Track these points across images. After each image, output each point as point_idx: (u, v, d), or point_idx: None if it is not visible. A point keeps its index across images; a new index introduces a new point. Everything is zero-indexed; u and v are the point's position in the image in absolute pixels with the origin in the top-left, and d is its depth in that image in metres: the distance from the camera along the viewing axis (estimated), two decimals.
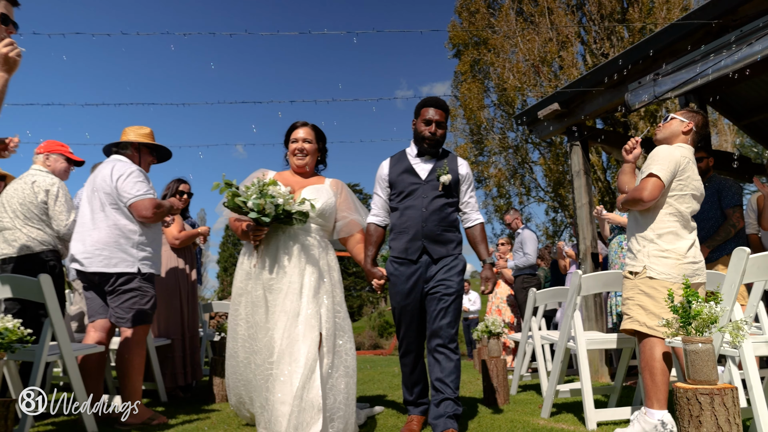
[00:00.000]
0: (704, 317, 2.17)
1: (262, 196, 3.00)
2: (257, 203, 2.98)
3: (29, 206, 4.10)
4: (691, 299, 2.22)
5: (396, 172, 3.43)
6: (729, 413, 2.05)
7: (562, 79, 16.16)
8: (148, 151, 4.08)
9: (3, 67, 2.41)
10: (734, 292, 2.52)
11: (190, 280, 5.16)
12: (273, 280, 3.09)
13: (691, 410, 2.11)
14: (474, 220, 3.46)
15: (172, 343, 4.86)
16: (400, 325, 3.38)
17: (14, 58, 2.42)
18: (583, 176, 5.78)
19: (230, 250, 45.71)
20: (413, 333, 3.35)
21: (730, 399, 2.06)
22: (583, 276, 3.50)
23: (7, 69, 2.42)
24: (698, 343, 2.15)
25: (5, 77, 2.42)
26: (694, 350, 2.15)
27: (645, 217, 3.10)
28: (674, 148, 3.09)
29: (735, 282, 2.52)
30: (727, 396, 2.06)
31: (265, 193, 3.02)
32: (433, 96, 3.51)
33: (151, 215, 3.70)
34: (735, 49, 4.10)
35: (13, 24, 2.56)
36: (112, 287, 3.63)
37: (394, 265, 3.35)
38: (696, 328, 2.20)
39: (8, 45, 2.41)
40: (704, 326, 2.18)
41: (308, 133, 3.55)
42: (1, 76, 2.41)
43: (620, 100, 5.16)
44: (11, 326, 2.62)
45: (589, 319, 5.49)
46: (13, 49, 2.42)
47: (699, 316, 2.17)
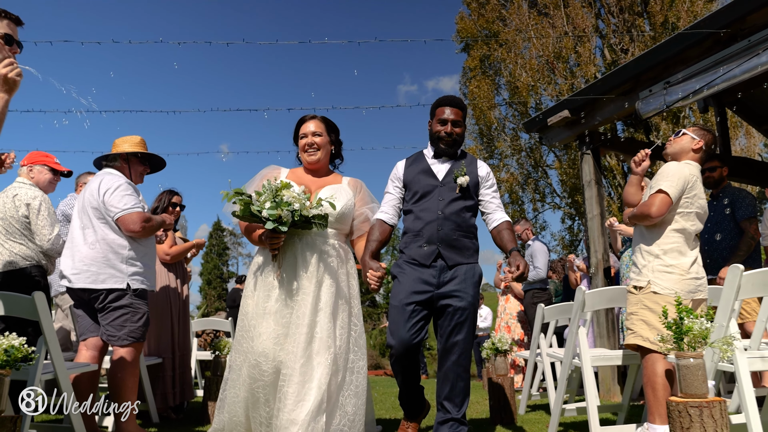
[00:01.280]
0: (695, 333, 2.49)
1: (278, 205, 3.03)
2: (273, 214, 3.02)
3: (10, 221, 4.33)
4: (683, 315, 2.54)
5: (412, 172, 3.53)
6: (717, 425, 2.37)
7: (578, 76, 16.50)
8: (137, 160, 4.20)
9: (3, 88, 2.57)
10: (729, 307, 2.84)
11: (182, 297, 5.39)
12: (288, 292, 3.16)
13: (682, 423, 2.42)
14: (499, 219, 3.51)
15: (162, 362, 5.06)
16: (392, 330, 3.30)
17: (14, 79, 2.58)
18: (595, 186, 6.10)
19: (214, 261, 45.11)
20: (408, 340, 3.25)
21: (718, 411, 2.38)
22: (586, 292, 3.82)
23: (7, 90, 2.58)
24: (690, 358, 2.47)
25: (5, 98, 2.59)
26: (685, 365, 2.47)
27: (651, 232, 3.44)
28: (683, 166, 3.43)
29: (730, 298, 2.84)
30: (716, 408, 2.38)
31: (280, 201, 3.05)
32: (448, 95, 3.63)
33: (139, 229, 3.83)
34: (744, 58, 4.43)
35: (17, 43, 2.75)
36: (102, 304, 3.78)
37: (404, 266, 3.39)
38: (688, 343, 2.51)
39: (8, 65, 2.58)
40: (696, 342, 2.50)
41: (318, 126, 3.57)
42: (2, 97, 2.57)
43: (631, 108, 5.50)
44: (17, 344, 2.92)
45: (600, 336, 5.80)
46: (14, 69, 2.58)
47: (690, 331, 2.49)
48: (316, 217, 3.14)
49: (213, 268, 44.55)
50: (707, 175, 5.13)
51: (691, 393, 2.45)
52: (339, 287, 3.26)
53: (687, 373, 2.47)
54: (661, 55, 5.16)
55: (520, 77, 17.58)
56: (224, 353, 5.22)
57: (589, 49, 16.27)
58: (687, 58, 5.02)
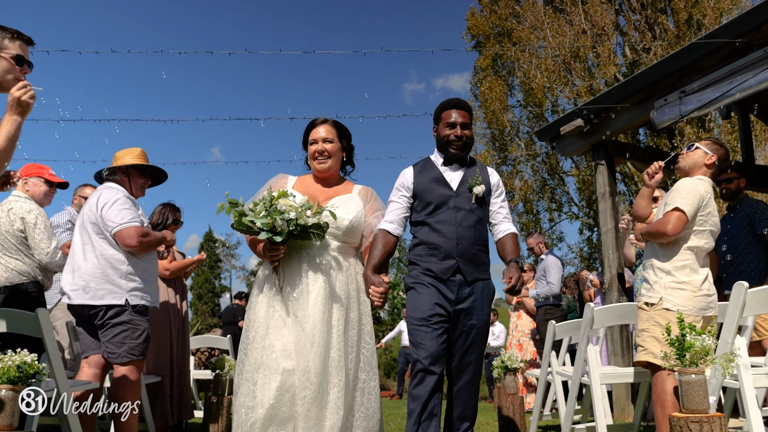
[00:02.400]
0: (697, 349, 2.76)
1: (269, 214, 3.09)
2: (265, 222, 3.08)
3: (6, 235, 4.54)
4: (685, 332, 2.81)
5: (423, 181, 3.53)
6: None
7: (597, 77, 16.75)
8: (137, 173, 4.42)
9: (16, 110, 2.78)
10: (734, 324, 3.11)
11: (181, 314, 5.61)
12: (297, 309, 3.20)
13: None
14: (505, 230, 3.58)
15: (161, 381, 5.27)
16: (417, 344, 3.31)
17: (27, 101, 2.79)
18: (609, 198, 6.37)
19: (206, 274, 45.04)
20: (436, 355, 3.25)
21: (718, 426, 2.64)
22: (595, 308, 4.08)
23: (20, 112, 2.79)
24: (691, 374, 2.74)
25: (18, 120, 2.79)
26: (687, 381, 2.74)
27: (664, 249, 3.71)
28: (698, 183, 3.71)
29: (735, 315, 3.10)
30: (716, 423, 2.64)
31: (273, 210, 3.11)
32: (453, 97, 3.67)
33: (136, 244, 4.01)
34: (760, 68, 4.71)
35: (28, 64, 2.98)
36: (102, 321, 3.98)
37: (421, 277, 3.41)
38: (690, 359, 2.78)
39: (22, 88, 2.79)
40: (698, 358, 2.77)
41: (329, 131, 3.57)
42: (15, 120, 2.78)
43: (646, 117, 5.78)
44: (29, 360, 3.21)
45: (614, 354, 6.05)
46: (27, 91, 2.79)
47: (692, 348, 2.76)
48: (314, 226, 3.16)
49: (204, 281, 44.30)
50: (724, 187, 5.38)
51: (692, 408, 2.72)
52: (349, 303, 3.31)
53: (688, 388, 2.73)
54: (677, 63, 5.44)
55: (535, 78, 17.84)
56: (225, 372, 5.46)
57: (608, 48, 16.49)
58: (703, 67, 5.30)
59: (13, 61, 2.89)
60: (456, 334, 3.36)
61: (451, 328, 3.36)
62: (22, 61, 2.94)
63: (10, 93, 2.78)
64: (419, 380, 3.25)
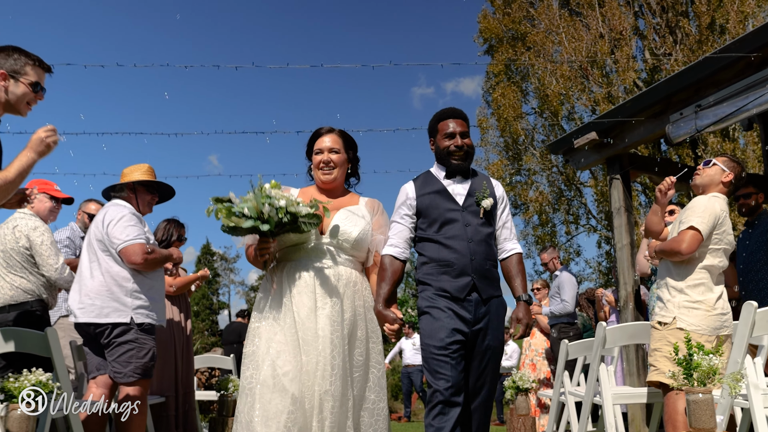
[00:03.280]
0: (704, 369, 2.96)
1: (256, 198, 3.13)
2: (252, 207, 3.11)
3: (11, 253, 4.70)
4: (692, 352, 3.01)
5: (426, 196, 3.53)
6: None
7: (615, 84, 16.92)
8: (144, 189, 4.63)
9: (36, 149, 3.11)
10: (744, 344, 3.31)
11: (185, 332, 5.80)
12: (303, 328, 3.21)
13: None
14: (510, 250, 3.60)
15: (166, 401, 5.42)
16: (435, 374, 3.30)
17: (49, 144, 3.14)
18: (624, 214, 6.57)
19: (203, 289, 44.78)
20: (457, 385, 3.27)
21: None
22: (607, 328, 4.28)
23: (39, 152, 3.12)
24: (698, 393, 2.95)
25: (34, 159, 3.11)
26: (694, 400, 2.95)
27: (678, 267, 3.92)
28: (713, 201, 3.92)
29: (745, 335, 3.31)
30: None
31: (261, 195, 3.13)
32: (447, 107, 3.69)
33: (141, 261, 4.19)
34: None
35: (42, 89, 3.29)
36: (108, 339, 4.15)
37: (435, 299, 3.39)
38: (697, 379, 2.99)
39: (49, 131, 3.15)
40: (705, 377, 2.97)
41: (335, 141, 3.61)
42: (31, 157, 3.10)
43: (661, 131, 5.99)
44: (44, 380, 3.44)
45: (630, 374, 6.23)
46: (52, 136, 3.15)
47: (699, 367, 2.97)
48: (307, 216, 3.18)
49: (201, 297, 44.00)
50: (742, 203, 5.53)
51: (699, 427, 2.93)
52: (356, 321, 3.35)
53: (695, 408, 2.94)
54: (693, 77, 5.65)
55: (550, 85, 17.99)
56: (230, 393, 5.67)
57: (627, 53, 16.64)
58: (719, 81, 5.51)
59: (30, 87, 3.20)
60: (472, 356, 3.38)
61: (471, 348, 3.37)
62: (38, 87, 3.25)
63: (36, 132, 3.12)
64: (440, 411, 3.25)
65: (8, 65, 3.16)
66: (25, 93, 3.20)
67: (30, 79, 3.20)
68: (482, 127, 21.53)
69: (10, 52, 3.19)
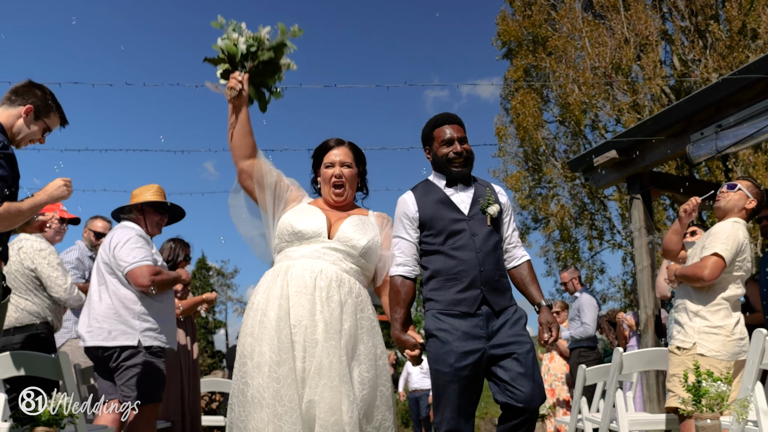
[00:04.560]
0: (712, 395, 3.29)
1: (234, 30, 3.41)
2: (228, 43, 3.39)
3: (15, 275, 4.93)
4: (701, 378, 3.34)
5: (428, 207, 3.55)
6: None
7: (641, 92, 17.08)
8: (152, 210, 4.89)
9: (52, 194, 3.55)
10: (755, 371, 3.63)
11: (192, 355, 6.05)
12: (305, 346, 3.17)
13: None
14: (520, 258, 3.66)
15: (172, 426, 5.62)
16: (442, 400, 3.35)
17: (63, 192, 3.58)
18: (645, 235, 6.87)
19: None
20: (465, 413, 3.34)
21: None
22: (624, 353, 4.59)
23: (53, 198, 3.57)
24: (707, 419, 3.27)
25: (46, 201, 3.57)
26: (702, 426, 3.27)
27: (698, 291, 4.25)
28: (737, 228, 4.25)
29: (755, 362, 3.63)
30: None
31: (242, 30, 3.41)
32: (442, 113, 3.72)
33: (148, 283, 4.41)
34: None
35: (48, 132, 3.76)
36: (116, 363, 4.38)
37: (443, 318, 3.40)
38: (706, 405, 3.31)
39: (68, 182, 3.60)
40: (713, 404, 3.29)
41: (347, 155, 3.61)
42: (40, 198, 3.53)
43: (682, 151, 6.31)
44: (64, 403, 3.75)
45: (650, 400, 6.51)
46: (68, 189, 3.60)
47: (707, 394, 3.29)
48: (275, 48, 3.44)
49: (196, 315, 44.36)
50: (765, 224, 5.83)
51: None
52: (357, 334, 3.28)
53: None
54: (713, 96, 5.99)
55: (572, 92, 18.12)
56: None
57: (654, 59, 16.78)
58: (739, 101, 5.85)
59: (42, 131, 3.67)
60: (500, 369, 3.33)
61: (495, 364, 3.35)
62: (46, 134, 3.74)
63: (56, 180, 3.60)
64: None
65: (38, 103, 3.61)
66: (35, 133, 3.64)
67: (47, 124, 3.68)
68: (501, 135, 21.62)
69: (47, 95, 3.66)
